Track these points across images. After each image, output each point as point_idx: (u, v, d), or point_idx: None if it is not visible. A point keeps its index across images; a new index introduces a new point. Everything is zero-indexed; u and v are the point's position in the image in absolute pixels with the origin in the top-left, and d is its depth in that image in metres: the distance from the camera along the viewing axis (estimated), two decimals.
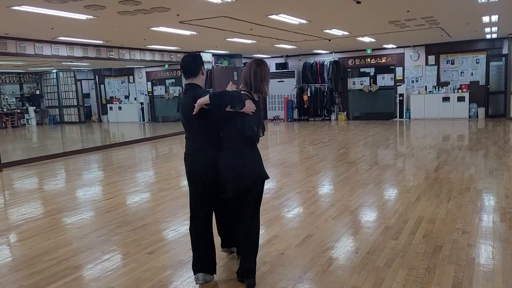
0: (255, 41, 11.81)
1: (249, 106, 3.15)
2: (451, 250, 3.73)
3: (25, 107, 19.60)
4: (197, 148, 3.31)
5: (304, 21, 8.75)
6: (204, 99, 3.09)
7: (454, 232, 4.14)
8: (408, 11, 8.19)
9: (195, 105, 3.12)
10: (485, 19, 9.81)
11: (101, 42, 10.63)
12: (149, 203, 5.87)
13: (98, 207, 5.72)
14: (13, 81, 19.38)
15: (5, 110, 18.76)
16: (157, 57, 13.31)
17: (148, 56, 12.96)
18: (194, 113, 3.13)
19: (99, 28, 8.44)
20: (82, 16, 7.05)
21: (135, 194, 6.47)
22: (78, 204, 5.94)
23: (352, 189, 5.99)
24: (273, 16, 8.04)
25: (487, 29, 11.87)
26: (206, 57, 14.77)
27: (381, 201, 5.40)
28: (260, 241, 3.61)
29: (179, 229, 4.61)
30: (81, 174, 8.44)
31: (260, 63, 3.29)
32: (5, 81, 19.03)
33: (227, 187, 3.21)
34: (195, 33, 9.57)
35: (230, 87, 3.56)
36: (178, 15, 7.50)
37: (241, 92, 3.26)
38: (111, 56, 11.56)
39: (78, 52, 10.55)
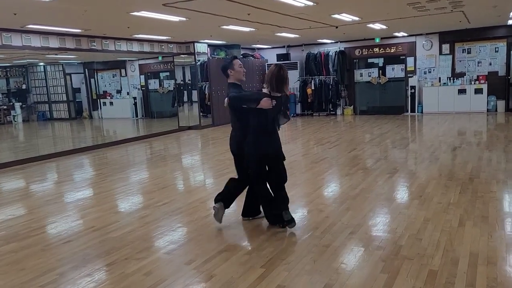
0: (253, 29, 10.60)
1: (264, 104, 3.97)
2: None
3: (11, 103, 18.42)
4: (232, 132, 4.40)
5: (311, 3, 7.52)
6: (227, 99, 4.21)
7: None
8: None
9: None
10: None
11: (80, 31, 9.41)
12: (122, 229, 4.66)
13: (57, 235, 4.56)
14: None
15: None
16: (146, 48, 12.08)
17: (136, 47, 11.73)
18: (224, 105, 4.27)
19: (70, 13, 7.23)
20: None
21: (108, 213, 5.26)
22: (34, 229, 4.76)
23: (374, 208, 4.83)
24: None
25: None
26: (201, 47, 13.56)
27: (415, 227, 4.21)
28: None
29: (151, 273, 3.46)
30: (53, 183, 7.29)
31: (280, 68, 4.08)
32: None
33: (253, 163, 4.17)
34: (184, 19, 8.35)
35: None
36: None
37: (262, 91, 4.18)
38: (93, 47, 10.35)
39: (54, 42, 9.33)
